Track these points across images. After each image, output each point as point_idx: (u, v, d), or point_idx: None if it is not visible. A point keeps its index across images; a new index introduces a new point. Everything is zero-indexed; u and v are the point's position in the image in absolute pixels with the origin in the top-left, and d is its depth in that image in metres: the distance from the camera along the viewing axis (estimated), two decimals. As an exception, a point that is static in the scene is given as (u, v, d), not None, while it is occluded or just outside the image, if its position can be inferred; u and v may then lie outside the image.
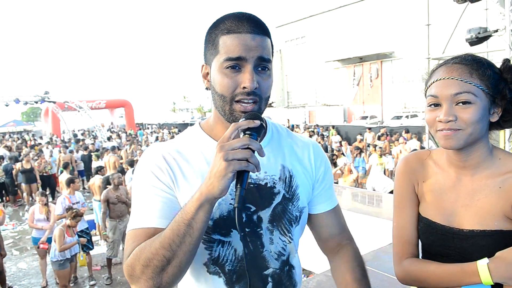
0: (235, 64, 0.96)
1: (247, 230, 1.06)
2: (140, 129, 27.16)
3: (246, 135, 0.87)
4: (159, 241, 0.88)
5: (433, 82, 1.15)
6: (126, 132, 24.57)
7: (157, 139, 18.38)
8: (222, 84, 0.98)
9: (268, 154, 1.10)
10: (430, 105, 1.15)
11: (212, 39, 1.01)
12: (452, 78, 1.10)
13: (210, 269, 1.05)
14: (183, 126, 26.50)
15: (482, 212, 1.15)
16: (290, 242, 1.11)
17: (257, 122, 0.89)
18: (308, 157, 1.18)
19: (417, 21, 17.16)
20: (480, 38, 6.94)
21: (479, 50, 7.11)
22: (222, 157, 0.82)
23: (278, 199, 1.09)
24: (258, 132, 0.90)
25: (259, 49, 0.96)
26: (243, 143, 0.83)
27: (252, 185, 1.07)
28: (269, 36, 1.02)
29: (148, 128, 31.97)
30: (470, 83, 1.08)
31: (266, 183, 1.09)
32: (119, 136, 21.79)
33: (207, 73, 1.06)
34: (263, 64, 0.98)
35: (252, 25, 0.97)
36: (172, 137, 17.70)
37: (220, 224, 1.03)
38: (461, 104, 1.09)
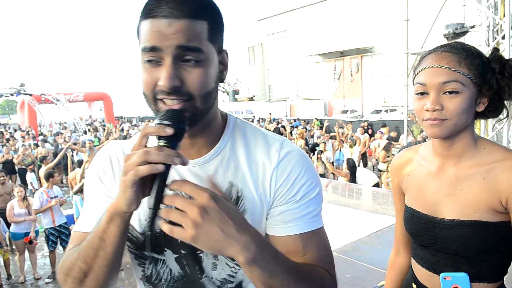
0: (152, 56, 0.78)
1: (183, 252, 0.92)
2: (121, 123, 26.73)
3: (161, 142, 0.73)
4: (77, 252, 0.82)
5: (422, 69, 1.14)
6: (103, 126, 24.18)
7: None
8: (142, 81, 0.81)
9: (217, 167, 0.91)
10: (417, 93, 1.15)
11: (137, 25, 0.82)
12: (440, 67, 1.09)
13: (146, 286, 0.98)
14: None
15: (465, 202, 1.14)
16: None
17: (169, 131, 0.71)
18: (270, 173, 0.90)
19: (397, 17, 17.37)
20: (457, 33, 7.10)
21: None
22: (123, 169, 0.71)
23: None
24: (178, 137, 0.74)
25: (178, 37, 0.75)
26: (139, 159, 0.69)
27: None
28: (203, 18, 0.79)
29: (130, 121, 31.45)
30: (458, 72, 1.08)
31: None
32: (96, 130, 21.42)
33: None
34: (187, 55, 0.77)
35: (172, 6, 0.76)
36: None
37: (152, 241, 0.92)
38: (448, 93, 1.08)
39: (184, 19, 0.76)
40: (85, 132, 18.29)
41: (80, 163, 8.53)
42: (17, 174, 11.57)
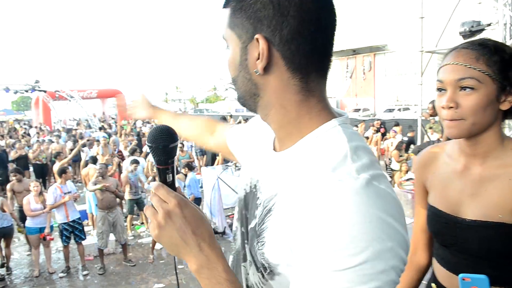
0: None
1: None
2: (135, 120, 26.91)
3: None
4: None
5: (441, 66, 1.15)
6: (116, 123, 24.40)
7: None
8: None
9: (281, 166, 0.77)
10: (437, 90, 1.15)
11: None
12: (456, 64, 1.09)
13: None
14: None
15: (488, 203, 1.12)
16: None
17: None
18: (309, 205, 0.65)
19: (411, 14, 17.16)
20: (473, 31, 6.98)
21: (472, 44, 7.16)
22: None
23: (253, 223, 0.81)
24: (168, 156, 0.78)
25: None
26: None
27: (254, 191, 0.84)
28: (227, 4, 0.77)
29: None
30: (474, 69, 1.06)
31: (258, 198, 0.82)
32: (110, 126, 21.62)
33: None
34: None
35: None
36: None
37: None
38: (463, 90, 1.07)
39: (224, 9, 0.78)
40: (99, 129, 18.45)
41: (93, 159, 8.63)
42: (31, 170, 11.77)
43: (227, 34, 0.77)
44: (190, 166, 7.56)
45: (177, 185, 0.80)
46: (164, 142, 0.76)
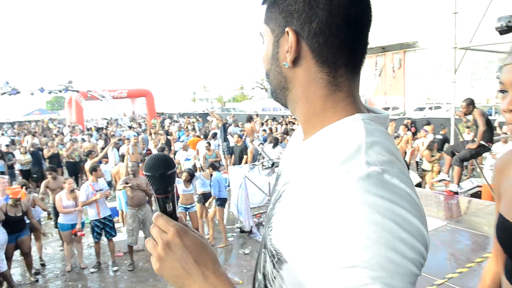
0: None
1: None
2: (163, 119, 27.38)
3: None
4: None
5: (503, 66, 1.06)
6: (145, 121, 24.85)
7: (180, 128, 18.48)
8: None
9: (299, 156, 0.77)
10: (499, 91, 1.07)
11: None
12: None
13: None
14: (203, 116, 26.63)
15: None
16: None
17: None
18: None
19: (443, 9, 16.66)
20: (510, 26, 6.68)
21: (509, 39, 6.86)
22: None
23: (270, 207, 0.79)
24: (166, 183, 0.76)
25: None
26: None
27: (279, 178, 0.85)
28: (265, 0, 0.78)
29: (171, 117, 32.20)
30: None
31: (278, 184, 0.81)
32: (139, 125, 22.06)
33: None
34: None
35: None
36: (193, 127, 17.93)
37: None
38: None
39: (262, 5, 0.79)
40: (129, 128, 18.86)
41: (123, 158, 8.81)
42: (64, 167, 12.14)
43: (263, 29, 0.79)
44: (214, 166, 7.58)
45: (180, 209, 0.78)
46: (160, 170, 0.74)
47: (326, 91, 0.72)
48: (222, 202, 7.24)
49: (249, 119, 12.99)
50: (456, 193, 6.39)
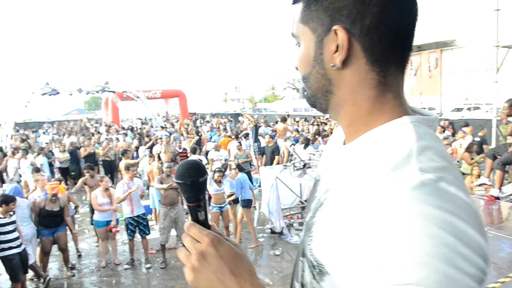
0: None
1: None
2: (195, 119, 27.77)
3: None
4: None
5: None
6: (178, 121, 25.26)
7: (211, 128, 18.67)
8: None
9: (340, 161, 0.73)
10: None
11: None
12: None
13: None
14: (234, 116, 26.78)
15: None
16: None
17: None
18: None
19: (483, 6, 16.02)
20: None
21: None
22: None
23: (309, 215, 0.75)
24: (197, 191, 0.74)
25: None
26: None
27: (317, 183, 0.82)
28: (297, 1, 0.74)
29: (203, 117, 32.63)
30: None
31: (317, 190, 0.78)
32: (172, 125, 22.44)
33: None
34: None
35: None
36: (225, 128, 18.06)
37: None
38: None
39: (293, 4, 0.75)
40: (162, 128, 19.22)
41: (157, 157, 8.96)
42: (100, 166, 12.51)
43: (299, 30, 0.74)
44: (240, 167, 7.59)
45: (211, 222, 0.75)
46: (192, 177, 0.72)
47: (375, 92, 0.68)
48: (246, 203, 7.20)
49: (283, 119, 12.96)
50: (498, 198, 6.11)
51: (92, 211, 7.07)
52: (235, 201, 7.33)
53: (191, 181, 0.72)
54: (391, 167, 0.59)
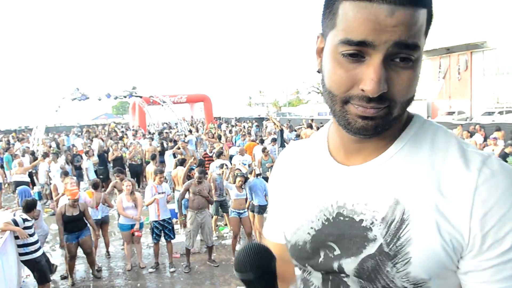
0: (356, 51, 0.62)
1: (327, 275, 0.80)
2: (220, 123, 27.96)
3: None
4: None
5: None
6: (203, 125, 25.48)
7: (236, 132, 18.75)
8: (332, 77, 0.66)
9: (382, 176, 0.71)
10: None
11: (331, 2, 0.66)
12: None
13: None
14: (259, 120, 26.81)
15: None
16: None
17: None
18: (468, 203, 0.64)
19: (516, 7, 15.48)
20: None
21: None
22: None
23: (370, 249, 0.70)
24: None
25: (400, 30, 0.60)
26: None
27: (343, 217, 0.74)
28: (425, 4, 0.64)
29: (228, 122, 32.82)
30: None
31: (362, 220, 0.72)
32: (197, 130, 22.64)
33: (322, 49, 0.72)
34: (404, 53, 0.62)
35: None
36: (249, 132, 18.07)
37: (296, 254, 0.84)
38: None
39: (409, 8, 0.61)
40: (189, 132, 19.43)
41: (181, 161, 9.03)
42: (126, 170, 12.73)
43: (422, 43, 0.66)
44: (255, 173, 7.61)
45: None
46: (255, 273, 0.60)
47: None
48: (259, 209, 7.14)
49: (309, 126, 12.88)
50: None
51: (119, 214, 7.19)
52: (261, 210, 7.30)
53: (255, 277, 0.61)
54: (458, 155, 0.68)
